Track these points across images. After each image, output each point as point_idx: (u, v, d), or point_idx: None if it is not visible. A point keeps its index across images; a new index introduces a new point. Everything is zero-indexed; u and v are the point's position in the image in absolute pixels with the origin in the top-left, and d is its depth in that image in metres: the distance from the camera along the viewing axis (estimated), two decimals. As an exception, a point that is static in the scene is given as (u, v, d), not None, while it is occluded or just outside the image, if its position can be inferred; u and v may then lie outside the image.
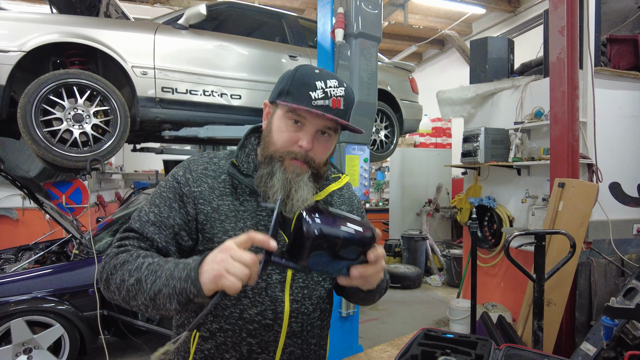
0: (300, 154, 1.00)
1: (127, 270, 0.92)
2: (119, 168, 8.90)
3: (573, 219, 2.96)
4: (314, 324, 1.11)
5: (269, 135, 1.03)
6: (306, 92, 0.97)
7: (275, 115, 1.03)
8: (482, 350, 1.18)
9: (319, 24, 3.32)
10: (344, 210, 1.18)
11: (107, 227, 3.97)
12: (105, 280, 0.96)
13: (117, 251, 0.98)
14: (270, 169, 1.00)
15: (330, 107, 0.97)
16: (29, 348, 3.09)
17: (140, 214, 1.03)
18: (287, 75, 1.03)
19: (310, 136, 1.00)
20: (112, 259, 0.96)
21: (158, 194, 1.05)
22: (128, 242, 1.00)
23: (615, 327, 2.43)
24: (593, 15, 3.35)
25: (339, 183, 1.13)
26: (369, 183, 3.36)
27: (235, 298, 1.02)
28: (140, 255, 0.94)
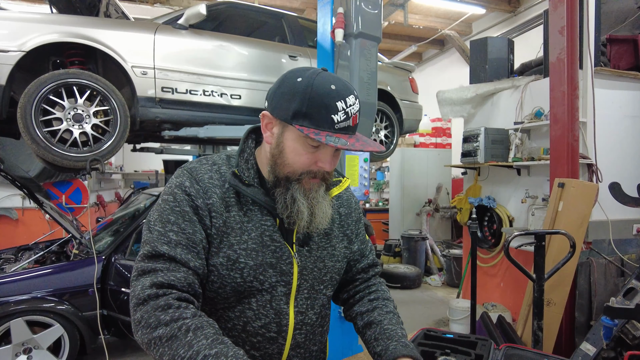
0: (319, 173, 0.97)
1: (177, 355, 0.82)
2: (118, 168, 8.90)
3: (573, 219, 2.96)
4: (316, 332, 1.10)
5: (281, 156, 0.96)
6: (328, 116, 0.89)
7: (289, 136, 0.94)
8: (482, 350, 1.19)
9: (319, 24, 3.32)
10: (342, 212, 1.16)
11: (107, 227, 3.97)
12: (145, 343, 0.86)
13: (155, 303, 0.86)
14: (290, 193, 0.96)
15: (350, 126, 0.93)
16: (29, 348, 3.08)
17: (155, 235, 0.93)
18: (300, 90, 0.91)
19: (330, 158, 0.97)
20: (150, 316, 0.85)
21: (169, 210, 0.94)
22: (163, 279, 0.89)
23: (615, 327, 2.43)
24: (593, 15, 3.34)
25: (340, 187, 1.11)
26: (368, 183, 3.36)
27: (239, 310, 0.99)
28: (190, 330, 0.84)
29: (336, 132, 0.91)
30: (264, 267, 0.98)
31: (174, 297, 0.88)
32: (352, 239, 1.18)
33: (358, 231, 1.21)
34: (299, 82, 0.92)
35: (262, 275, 0.98)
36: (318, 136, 0.88)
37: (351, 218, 1.18)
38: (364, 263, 1.22)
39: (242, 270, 0.96)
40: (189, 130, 3.60)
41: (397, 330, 1.09)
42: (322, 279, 1.07)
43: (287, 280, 1.01)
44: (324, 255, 1.08)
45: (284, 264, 1.00)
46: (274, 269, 0.99)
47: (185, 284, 0.91)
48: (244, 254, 0.96)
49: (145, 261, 0.92)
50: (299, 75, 0.93)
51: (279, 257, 1.00)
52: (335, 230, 1.13)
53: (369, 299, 1.18)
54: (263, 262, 0.98)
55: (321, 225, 1.00)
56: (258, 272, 0.97)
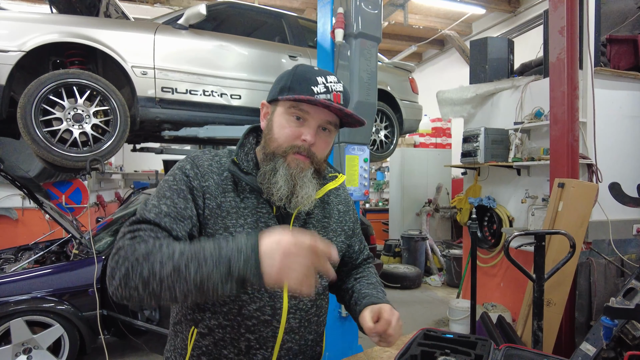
0: (303, 147, 1.01)
1: (155, 261, 0.82)
2: (118, 168, 8.90)
3: (573, 219, 2.96)
4: (311, 320, 1.13)
5: (270, 133, 1.04)
6: (308, 86, 0.99)
7: (276, 113, 1.04)
8: (482, 351, 1.18)
9: (319, 24, 3.32)
10: (341, 209, 1.21)
11: (106, 227, 3.97)
12: (123, 276, 0.83)
13: (132, 243, 0.87)
14: (273, 165, 1.01)
15: (332, 101, 1.00)
16: (29, 348, 3.09)
17: (149, 206, 0.96)
18: (286, 73, 1.05)
19: (313, 130, 1.01)
20: (127, 252, 0.85)
21: (167, 187, 1.00)
22: (142, 234, 0.90)
23: (614, 327, 2.43)
24: (593, 15, 3.35)
25: (336, 182, 1.15)
26: (368, 183, 3.36)
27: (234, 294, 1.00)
28: (164, 244, 0.85)
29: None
30: None
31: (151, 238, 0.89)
32: (349, 235, 1.23)
33: (356, 230, 1.27)
34: (288, 70, 1.07)
35: None
36: (294, 96, 0.98)
37: (349, 216, 1.23)
38: (360, 259, 1.30)
39: None
40: (189, 130, 3.60)
41: (373, 292, 1.17)
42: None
43: None
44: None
45: None
46: None
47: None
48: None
49: (131, 225, 0.93)
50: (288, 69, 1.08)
51: None
52: (333, 225, 1.18)
53: (354, 278, 1.27)
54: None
55: (302, 206, 1.04)
56: None
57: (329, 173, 1.17)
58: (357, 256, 1.29)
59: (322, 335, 1.22)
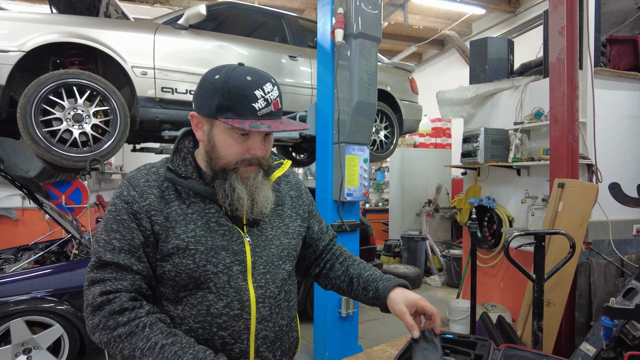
0: (254, 159, 1.04)
1: (137, 347, 0.93)
2: (118, 168, 8.89)
3: (573, 220, 2.96)
4: (282, 306, 1.15)
5: (214, 150, 1.03)
6: (248, 104, 0.97)
7: (217, 131, 1.02)
8: (482, 351, 1.18)
9: (319, 24, 3.32)
10: (293, 195, 1.24)
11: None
12: (104, 342, 0.96)
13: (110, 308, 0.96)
14: (229, 182, 1.03)
15: (273, 111, 1.01)
16: (29, 348, 3.08)
17: (102, 244, 1.01)
18: (219, 85, 0.98)
19: (260, 144, 1.04)
20: (107, 320, 0.95)
21: (112, 219, 1.02)
22: (110, 287, 0.98)
23: (614, 327, 2.43)
24: (593, 15, 3.35)
25: (282, 169, 1.20)
26: (368, 183, 3.37)
27: (201, 296, 1.04)
28: (147, 326, 0.96)
29: (259, 118, 0.99)
30: (215, 250, 1.04)
31: (126, 298, 0.98)
32: (305, 217, 1.27)
33: (313, 212, 1.32)
34: (216, 79, 0.99)
35: (215, 258, 1.03)
36: (242, 124, 0.96)
37: (302, 200, 1.27)
38: (326, 239, 1.34)
39: (193, 256, 1.02)
40: (189, 130, 3.59)
41: (375, 273, 1.24)
42: (280, 255, 1.15)
43: (241, 259, 1.07)
44: (278, 233, 1.16)
45: (235, 245, 1.06)
46: (226, 250, 1.05)
47: (133, 290, 1.00)
48: (192, 241, 1.02)
49: (94, 271, 1.00)
50: (216, 72, 1.01)
51: (229, 239, 1.06)
52: (287, 211, 1.21)
53: (339, 262, 1.32)
54: (214, 246, 1.04)
55: (264, 209, 1.08)
56: (210, 256, 1.03)
57: (274, 161, 1.20)
58: (321, 237, 1.33)
59: (295, 319, 1.25)
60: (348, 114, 3.17)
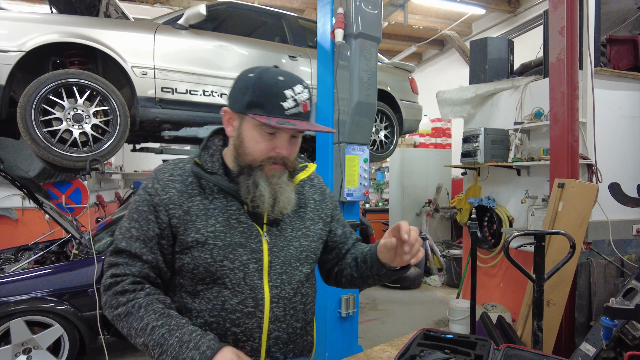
0: (279, 158, 1.06)
1: (132, 327, 1.00)
2: (118, 168, 8.89)
3: (572, 220, 2.96)
4: (297, 308, 1.15)
5: (242, 146, 1.06)
6: (278, 103, 1.00)
7: (245, 127, 1.05)
8: (482, 351, 1.19)
9: (319, 24, 3.32)
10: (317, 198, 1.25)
11: (106, 227, 3.97)
12: (111, 319, 1.05)
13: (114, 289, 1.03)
14: (253, 179, 1.05)
15: (301, 112, 1.03)
16: (29, 348, 3.08)
17: (123, 230, 1.07)
18: (251, 83, 1.02)
19: (286, 143, 1.06)
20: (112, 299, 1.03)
21: (134, 209, 1.08)
22: (120, 271, 1.04)
23: (614, 327, 2.43)
24: (593, 15, 3.35)
25: (306, 172, 1.20)
26: (368, 183, 3.36)
27: (216, 291, 1.07)
28: (142, 307, 1.01)
29: (287, 117, 1.01)
30: (233, 246, 1.06)
31: (129, 282, 1.04)
32: (327, 221, 1.27)
33: (336, 216, 1.33)
34: (250, 77, 1.03)
35: (232, 255, 1.06)
36: (269, 121, 0.98)
37: (325, 204, 1.27)
38: (349, 243, 1.33)
39: (211, 251, 1.05)
40: (189, 130, 3.59)
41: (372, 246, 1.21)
42: (299, 257, 1.15)
43: (258, 257, 1.08)
44: (298, 235, 1.17)
45: (253, 243, 1.08)
46: (243, 247, 1.07)
47: (139, 276, 1.06)
48: (212, 236, 1.05)
49: (111, 256, 1.07)
50: (251, 71, 1.05)
51: (247, 236, 1.08)
52: (310, 213, 1.22)
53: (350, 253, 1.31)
54: (232, 242, 1.06)
55: (285, 209, 1.09)
56: (227, 252, 1.06)
57: (299, 164, 1.20)
58: (344, 240, 1.32)
59: (312, 324, 1.24)
60: (348, 114, 3.17)
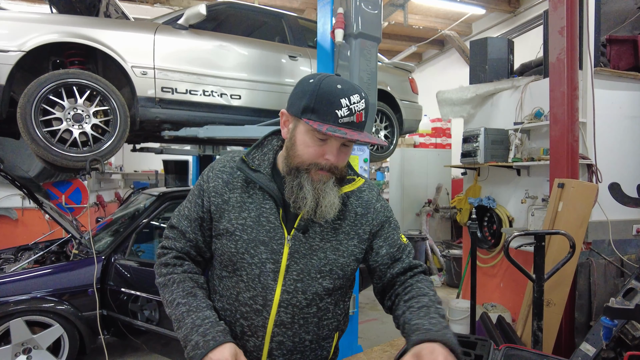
0: (326, 165, 1.06)
1: (165, 298, 1.14)
2: (118, 168, 8.90)
3: (572, 220, 2.96)
4: (309, 320, 1.12)
5: (293, 148, 1.07)
6: (332, 110, 1.00)
7: (299, 130, 1.06)
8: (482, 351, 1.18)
9: (319, 24, 3.32)
10: (359, 212, 1.17)
11: (106, 227, 3.97)
12: (156, 283, 1.19)
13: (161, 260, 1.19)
14: (298, 180, 1.06)
15: (354, 122, 1.02)
16: (29, 348, 3.08)
17: (180, 208, 1.21)
18: (310, 89, 1.03)
19: (336, 150, 1.06)
20: (158, 268, 1.19)
21: (192, 191, 1.20)
22: (167, 244, 1.20)
23: (614, 327, 2.43)
24: (593, 15, 3.35)
25: (353, 185, 1.17)
26: (368, 183, 3.36)
27: (235, 281, 1.13)
28: (175, 282, 1.14)
29: (339, 125, 1.01)
30: (256, 242, 1.09)
31: (172, 256, 1.18)
32: (365, 239, 1.17)
33: (384, 234, 1.21)
34: (310, 82, 1.05)
35: (254, 250, 1.09)
36: (320, 127, 0.99)
37: (366, 218, 1.18)
38: (399, 267, 1.19)
39: (237, 242, 1.10)
40: (189, 130, 3.59)
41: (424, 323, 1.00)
42: (321, 269, 1.11)
43: (277, 259, 1.09)
44: (326, 247, 1.12)
45: (275, 244, 1.10)
46: (265, 246, 1.09)
47: (182, 252, 1.19)
48: (240, 228, 1.10)
49: (167, 229, 1.22)
50: (311, 77, 1.07)
51: (271, 236, 1.10)
52: (346, 227, 1.15)
53: (404, 300, 1.12)
54: (256, 239, 1.10)
55: (327, 215, 1.07)
56: (250, 247, 1.10)
57: (348, 176, 1.17)
58: (388, 262, 1.19)
59: (329, 340, 1.19)
60: (348, 114, 3.16)
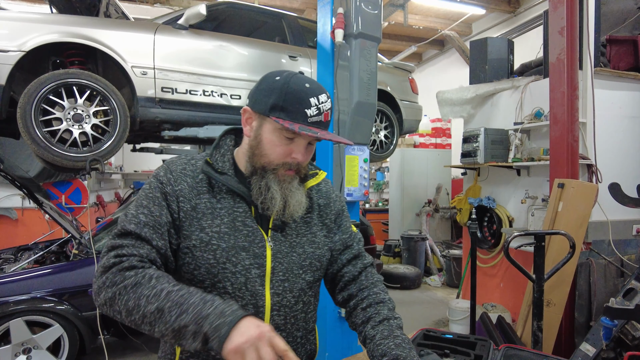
0: (293, 164, 1.05)
1: (142, 295, 0.89)
2: (118, 168, 8.89)
3: (572, 220, 2.96)
4: (298, 317, 1.13)
5: (258, 147, 1.05)
6: (302, 109, 1.00)
7: (265, 129, 1.04)
8: (481, 351, 1.19)
9: (319, 24, 3.32)
10: (321, 203, 1.21)
11: (106, 227, 3.97)
12: (109, 299, 0.92)
13: (119, 266, 0.94)
14: (265, 181, 1.04)
15: (322, 121, 1.03)
16: (28, 348, 3.08)
17: (129, 217, 1.01)
18: (277, 86, 1.01)
19: (303, 149, 1.06)
20: (115, 275, 0.93)
21: (144, 196, 1.05)
22: (126, 251, 0.97)
23: (614, 327, 2.43)
24: (593, 16, 3.35)
25: (316, 179, 1.18)
26: (368, 183, 3.36)
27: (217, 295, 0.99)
28: (153, 277, 0.92)
29: (309, 124, 1.01)
30: (236, 249, 1.04)
31: (136, 260, 0.96)
32: (331, 228, 1.21)
33: (339, 222, 1.25)
34: (277, 80, 1.03)
35: (235, 258, 1.04)
36: (292, 126, 0.98)
37: (329, 209, 1.22)
38: (348, 254, 1.22)
39: (214, 251, 1.02)
40: (189, 130, 3.60)
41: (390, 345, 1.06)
42: (302, 264, 1.12)
43: (261, 262, 1.06)
44: (303, 241, 1.13)
45: (256, 247, 1.06)
46: (246, 252, 1.05)
47: (146, 259, 0.98)
48: (216, 237, 1.03)
49: (115, 239, 1.00)
50: (277, 75, 1.04)
51: (251, 240, 1.06)
52: (315, 219, 1.18)
53: (362, 308, 1.16)
54: (235, 245, 1.04)
55: (295, 213, 1.08)
56: (231, 254, 1.03)
57: (310, 171, 1.19)
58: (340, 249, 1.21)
59: (313, 332, 1.22)
60: (348, 114, 3.17)
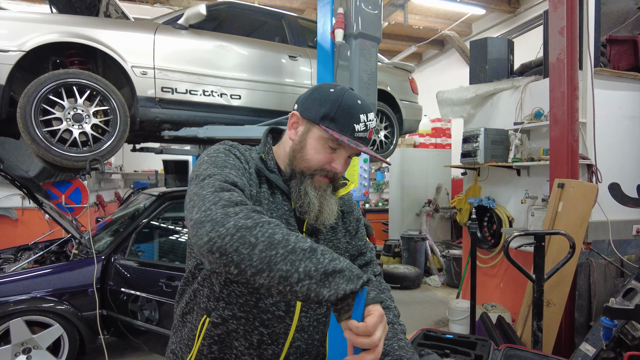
0: (330, 172, 1.08)
1: (291, 233, 0.82)
2: (118, 168, 8.90)
3: (572, 220, 2.96)
4: (320, 320, 1.15)
5: (301, 151, 1.08)
6: (351, 123, 1.04)
7: (312, 135, 1.07)
8: (481, 351, 1.19)
9: (319, 24, 3.31)
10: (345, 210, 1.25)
11: (106, 227, 3.97)
12: (242, 226, 0.80)
13: (248, 206, 0.84)
14: (304, 187, 1.07)
15: (366, 138, 1.07)
16: (28, 348, 3.08)
17: (216, 175, 0.92)
18: (332, 98, 1.05)
19: (344, 160, 1.09)
20: (249, 210, 0.83)
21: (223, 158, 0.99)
22: (235, 191, 0.89)
23: (614, 327, 2.43)
24: (593, 16, 3.35)
25: (346, 189, 1.22)
26: (368, 183, 3.36)
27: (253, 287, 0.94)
28: (274, 224, 0.83)
29: (354, 139, 1.05)
30: None
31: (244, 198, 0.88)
32: (353, 235, 1.26)
33: (358, 229, 1.30)
34: (331, 91, 1.07)
35: None
36: (341, 137, 1.02)
37: (352, 216, 1.27)
38: (361, 260, 1.28)
39: None
40: (189, 130, 3.59)
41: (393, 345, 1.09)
42: None
43: None
44: (329, 247, 1.15)
45: None
46: None
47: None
48: None
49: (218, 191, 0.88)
50: (331, 87, 1.09)
51: None
52: (340, 226, 1.22)
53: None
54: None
55: (327, 221, 1.10)
56: None
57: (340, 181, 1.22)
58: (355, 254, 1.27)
59: (325, 336, 1.24)
60: (348, 114, 3.17)
